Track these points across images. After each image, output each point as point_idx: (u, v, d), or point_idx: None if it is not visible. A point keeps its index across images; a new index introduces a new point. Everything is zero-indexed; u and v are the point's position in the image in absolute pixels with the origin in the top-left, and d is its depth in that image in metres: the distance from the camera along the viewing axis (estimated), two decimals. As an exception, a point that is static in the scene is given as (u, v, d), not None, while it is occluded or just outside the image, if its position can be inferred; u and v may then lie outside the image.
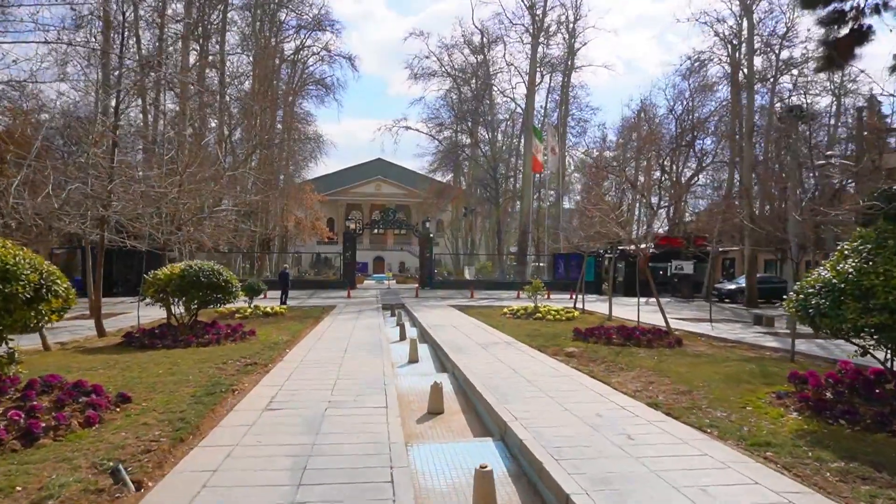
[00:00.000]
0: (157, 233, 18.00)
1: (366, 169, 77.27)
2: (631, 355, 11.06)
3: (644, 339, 12.43)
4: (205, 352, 10.86)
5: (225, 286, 12.50)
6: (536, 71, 43.82)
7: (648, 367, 9.71)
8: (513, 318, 18.61)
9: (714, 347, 12.76)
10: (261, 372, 9.09)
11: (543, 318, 18.35)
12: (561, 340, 12.98)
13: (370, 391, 7.48)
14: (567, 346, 11.92)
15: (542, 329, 15.62)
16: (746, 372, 9.47)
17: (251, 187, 38.30)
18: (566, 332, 14.51)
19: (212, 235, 20.12)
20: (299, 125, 48.92)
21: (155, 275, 12.33)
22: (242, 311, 18.03)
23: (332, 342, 12.31)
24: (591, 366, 9.85)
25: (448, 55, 49.54)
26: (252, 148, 33.19)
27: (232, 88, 40.28)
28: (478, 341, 12.54)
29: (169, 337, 11.83)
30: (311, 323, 16.34)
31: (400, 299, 26.80)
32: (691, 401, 7.29)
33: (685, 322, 19.17)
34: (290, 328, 14.75)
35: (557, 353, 11.10)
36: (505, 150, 52.42)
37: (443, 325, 15.82)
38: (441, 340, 12.40)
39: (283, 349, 11.38)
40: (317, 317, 18.25)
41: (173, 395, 7.31)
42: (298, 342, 12.39)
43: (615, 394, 7.59)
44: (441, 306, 23.01)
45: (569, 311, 19.30)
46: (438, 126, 52.91)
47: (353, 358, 10.34)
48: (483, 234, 58.76)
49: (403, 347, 12.49)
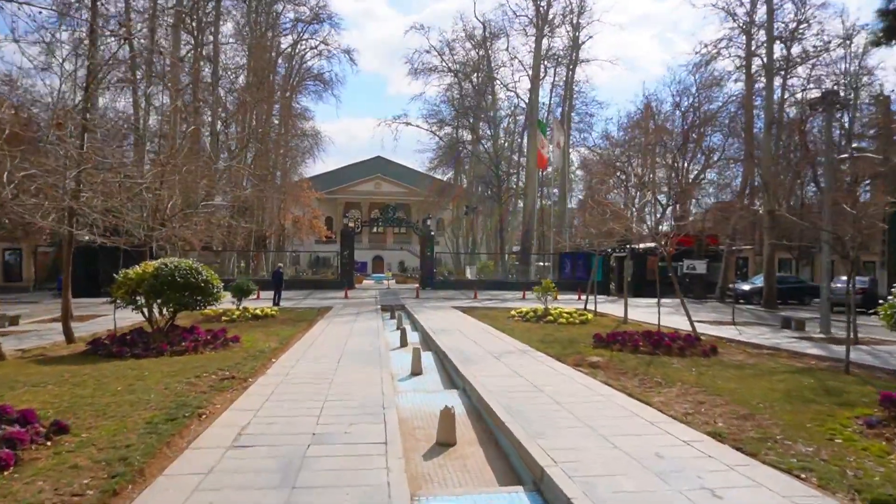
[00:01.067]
0: (139, 228, 16.72)
1: (365, 167, 75.93)
2: (664, 366, 9.71)
3: (675, 346, 11.07)
4: (178, 362, 9.49)
5: (204, 287, 11.14)
6: (541, 64, 42.44)
7: (690, 382, 8.36)
8: (522, 322, 17.27)
9: (752, 355, 11.40)
10: (238, 388, 7.73)
11: (555, 321, 17.01)
12: (580, 347, 11.63)
13: (366, 418, 6.13)
14: (589, 355, 10.56)
15: (556, 334, 14.27)
16: (806, 388, 8.12)
17: (246, 183, 36.97)
18: (584, 338, 13.17)
19: (201, 232, 18.75)
20: (296, 121, 47.56)
21: (125, 274, 10.98)
22: (230, 313, 16.66)
23: (324, 350, 10.95)
24: (622, 380, 8.50)
25: (449, 49, 48.16)
26: (245, 141, 31.74)
27: (226, 81, 38.94)
28: (488, 349, 11.18)
29: (140, 344, 10.47)
30: (303, 327, 14.97)
31: (400, 300, 25.44)
32: (759, 429, 5.95)
33: (707, 325, 17.81)
34: (279, 333, 13.38)
35: (580, 364, 9.75)
36: (507, 148, 51.01)
37: (447, 329, 14.46)
38: (447, 348, 11.04)
39: (268, 359, 10.01)
40: (311, 320, 16.89)
41: (125, 422, 5.95)
42: (287, 350, 11.02)
43: (665, 420, 6.24)
44: (443, 308, 21.66)
45: (581, 314, 17.96)
46: (439, 123, 51.53)
47: (348, 370, 8.98)
48: (484, 233, 57.38)
49: (405, 356, 11.13)
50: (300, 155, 50.84)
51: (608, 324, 17.46)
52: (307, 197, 48.49)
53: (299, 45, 46.09)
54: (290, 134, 46.64)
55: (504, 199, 47.34)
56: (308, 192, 49.43)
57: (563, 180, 44.72)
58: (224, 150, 37.35)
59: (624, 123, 47.08)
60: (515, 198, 51.04)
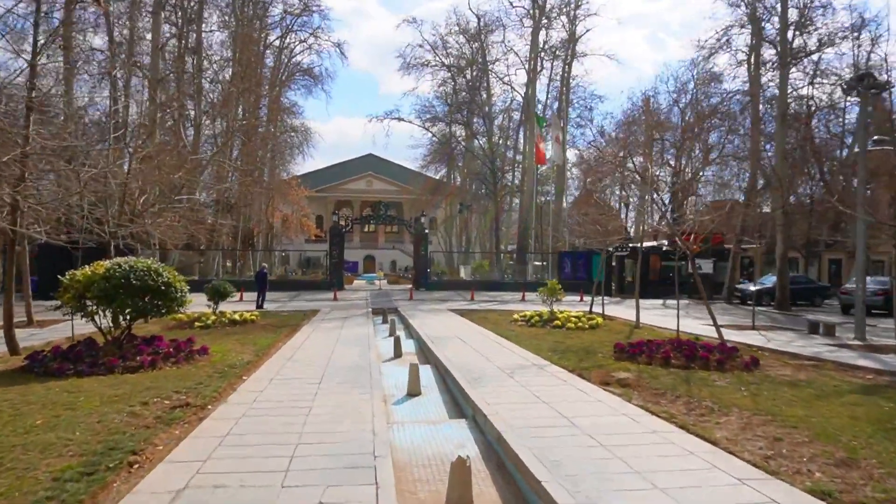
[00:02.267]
0: (103, 224, 15.09)
1: (356, 165, 74.28)
2: (706, 384, 8.23)
3: (712, 359, 9.59)
4: (128, 382, 7.89)
5: (165, 291, 9.53)
6: (538, 57, 41.01)
7: (747, 407, 6.89)
8: (527, 327, 15.78)
9: (797, 368, 9.95)
10: (192, 420, 6.16)
11: (563, 326, 15.52)
12: (600, 359, 10.14)
13: (350, 475, 4.56)
14: (614, 370, 9.07)
15: (568, 342, 12.79)
16: (893, 414, 6.66)
17: (232, 178, 35.24)
18: (600, 347, 11.69)
19: (176, 229, 17.07)
20: (285, 116, 45.86)
21: (72, 276, 9.35)
22: (205, 318, 15.03)
23: (305, 365, 9.37)
24: (663, 404, 7.02)
25: (443, 44, 46.61)
26: (230, 134, 30.03)
27: (211, 73, 37.17)
28: (497, 362, 9.65)
29: (87, 359, 8.84)
30: (285, 334, 13.37)
31: (392, 302, 23.88)
32: (875, 483, 4.48)
33: (728, 330, 16.38)
34: (256, 342, 11.79)
35: (608, 382, 8.25)
36: (502, 144, 49.48)
37: (446, 336, 12.92)
38: (449, 361, 9.50)
39: (237, 376, 8.42)
40: (294, 325, 15.28)
41: (22, 480, 4.38)
42: (262, 365, 9.43)
43: (749, 468, 4.74)
44: (440, 311, 20.13)
45: (590, 318, 16.48)
46: (432, 119, 49.97)
47: (331, 394, 7.42)
48: (478, 232, 55.91)
49: (400, 371, 9.58)
50: (289, 150, 49.13)
51: (620, 328, 16.02)
52: (296, 194, 46.82)
53: (288, 37, 44.38)
54: (279, 130, 44.97)
55: (500, 196, 45.88)
56: (297, 188, 47.76)
57: (560, 177, 43.32)
58: (207, 144, 35.65)
59: (619, 121, 45.96)
60: (511, 195, 49.59)
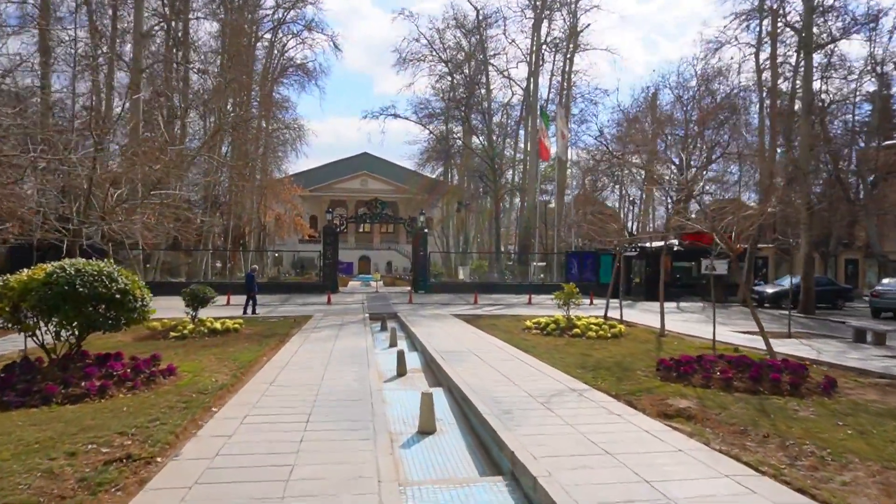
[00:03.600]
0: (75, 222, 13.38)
1: (351, 164, 72.60)
2: (789, 417, 6.61)
3: (784, 381, 7.95)
4: (63, 418, 6.19)
5: (121, 300, 7.83)
6: (540, 48, 39.42)
7: (866, 455, 5.27)
8: (542, 335, 14.16)
9: (882, 391, 8.34)
10: (128, 485, 4.47)
11: (583, 334, 13.92)
12: (644, 380, 8.52)
13: None
14: (666, 395, 7.45)
15: (595, 354, 11.18)
16: None
17: (221, 175, 33.44)
18: (636, 362, 10.10)
19: (149, 228, 15.32)
20: (278, 112, 44.08)
21: (5, 282, 7.64)
22: (182, 326, 13.31)
23: (290, 392, 7.67)
24: (752, 448, 5.40)
25: (440, 38, 44.94)
26: (217, 127, 28.24)
27: (199, 63, 35.32)
28: (525, 386, 7.98)
29: (19, 385, 7.14)
30: (271, 347, 11.68)
31: (391, 306, 22.21)
32: None
33: (756, 337, 14.83)
34: (237, 358, 10.09)
35: (667, 414, 6.62)
36: (501, 142, 47.77)
37: (458, 350, 11.25)
38: (468, 386, 7.82)
39: (206, 408, 6.74)
40: (283, 335, 13.59)
41: None
42: (237, 391, 7.73)
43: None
44: (443, 316, 18.47)
45: (612, 325, 14.86)
46: (429, 116, 48.30)
47: (321, 438, 5.74)
48: (476, 232, 54.24)
49: (407, 398, 7.92)
50: (281, 147, 47.31)
51: (645, 337, 14.44)
52: (288, 192, 45.08)
53: (280, 30, 42.57)
54: (271, 126, 43.22)
55: (499, 194, 44.26)
56: (290, 186, 46.02)
57: (561, 174, 41.69)
58: (197, 139, 33.83)
59: (619, 119, 44.55)
60: (511, 194, 47.98)
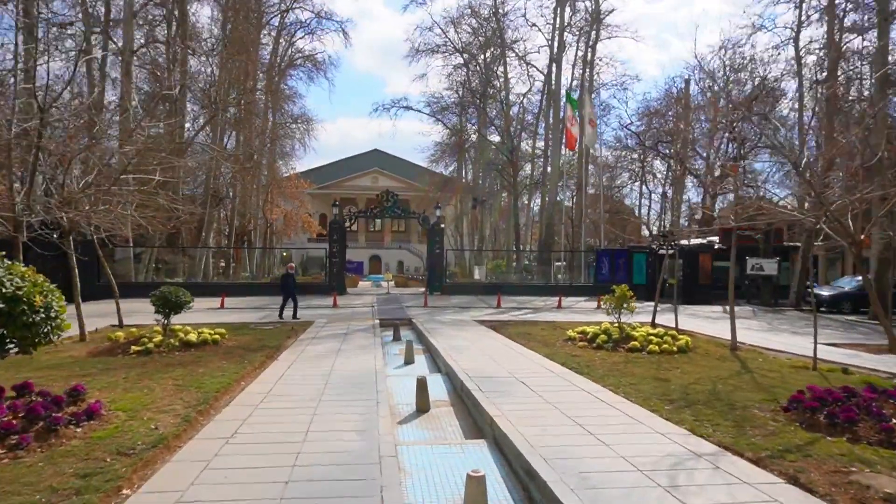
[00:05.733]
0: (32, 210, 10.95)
1: (361, 161, 70.25)
2: None
3: None
4: None
5: (22, 315, 5.25)
6: (563, 32, 36.58)
7: None
8: (591, 349, 11.49)
9: None
10: None
11: (643, 348, 11.23)
12: (776, 429, 5.82)
13: None
14: (838, 461, 4.76)
15: (673, 378, 8.52)
16: None
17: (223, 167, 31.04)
18: (736, 393, 7.48)
19: (117, 216, 12.73)
20: (285, 105, 41.73)
21: None
22: (147, 338, 10.74)
23: (251, 462, 5.00)
24: None
25: (454, 27, 42.30)
26: (213, 112, 25.75)
27: (198, 47, 32.90)
28: (619, 447, 5.23)
29: None
30: (253, 367, 9.08)
31: (404, 310, 19.59)
32: None
33: (851, 351, 12.04)
34: (201, 385, 7.50)
35: None
36: (518, 135, 44.94)
37: (496, 374, 8.57)
38: (532, 449, 5.12)
39: (114, 491, 4.13)
40: (273, 348, 11.00)
41: None
42: (178, 450, 5.11)
43: None
44: (465, 323, 15.82)
45: (675, 336, 12.09)
46: (442, 110, 45.75)
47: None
48: (492, 229, 51.48)
49: (435, 462, 5.25)
50: (289, 142, 44.92)
51: (717, 351, 11.70)
52: (295, 186, 42.75)
53: (287, 17, 40.09)
54: (278, 121, 40.88)
55: (518, 189, 41.49)
56: (296, 181, 43.73)
57: (583, 167, 38.79)
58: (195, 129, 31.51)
59: (643, 110, 41.76)
60: (530, 189, 45.15)
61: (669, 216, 42.73)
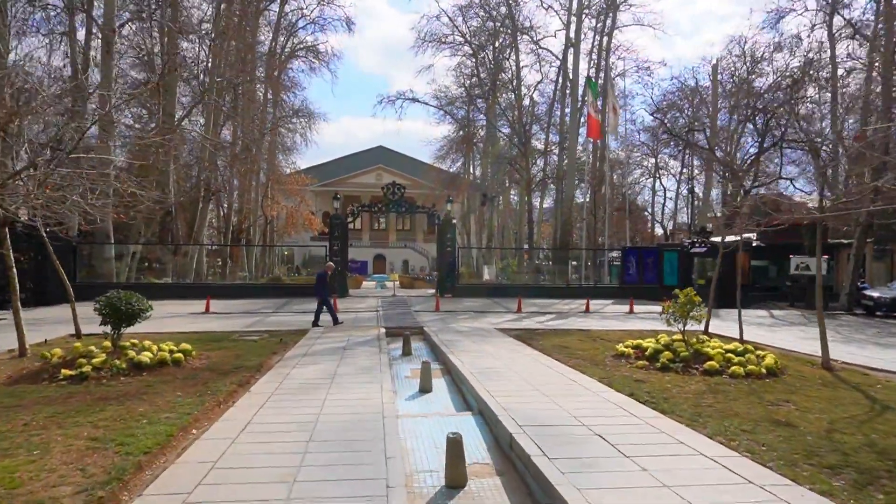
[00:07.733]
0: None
1: (366, 157, 67.99)
2: None
3: None
4: None
5: None
6: (581, 14, 34.10)
7: None
8: (657, 371, 9.05)
9: None
10: None
11: (723, 370, 8.78)
12: None
13: None
14: None
15: (803, 422, 6.14)
16: None
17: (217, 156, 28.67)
18: None
19: (54, 203, 10.26)
20: (285, 96, 39.46)
21: None
22: (87, 357, 8.29)
23: None
24: None
25: (463, 17, 39.84)
26: (201, 98, 23.34)
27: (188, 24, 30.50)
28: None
29: None
30: (213, 403, 6.65)
31: (414, 316, 17.15)
32: None
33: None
34: (125, 441, 5.08)
35: None
36: (530, 126, 42.42)
37: (557, 421, 6.06)
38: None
39: None
40: (250, 370, 8.57)
41: None
42: None
43: None
44: (488, 332, 13.36)
45: (759, 354, 9.59)
46: (449, 103, 43.34)
47: None
48: (500, 227, 48.97)
49: None
50: (289, 135, 42.59)
51: (807, 371, 9.27)
52: (296, 184, 40.38)
53: (287, 3, 37.66)
54: (278, 113, 38.60)
55: (530, 183, 38.97)
56: (299, 176, 41.42)
57: (604, 159, 36.29)
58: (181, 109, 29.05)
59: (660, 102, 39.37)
60: (543, 185, 42.63)
61: (688, 212, 40.28)
